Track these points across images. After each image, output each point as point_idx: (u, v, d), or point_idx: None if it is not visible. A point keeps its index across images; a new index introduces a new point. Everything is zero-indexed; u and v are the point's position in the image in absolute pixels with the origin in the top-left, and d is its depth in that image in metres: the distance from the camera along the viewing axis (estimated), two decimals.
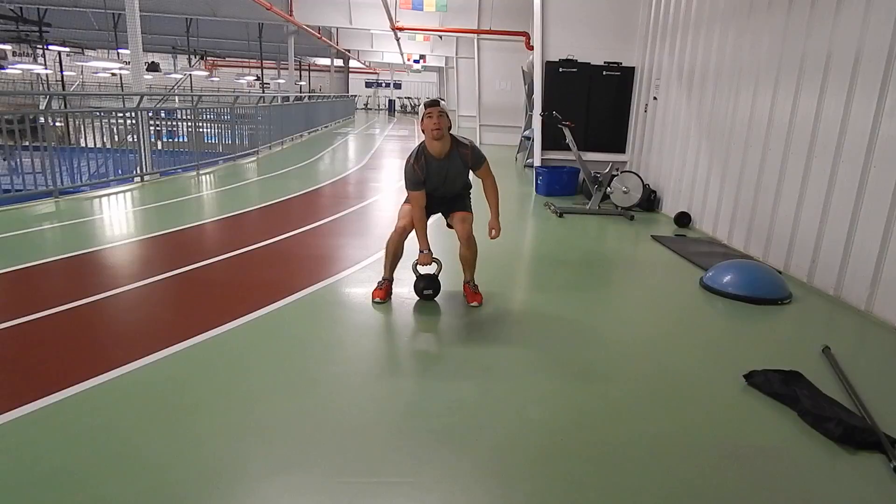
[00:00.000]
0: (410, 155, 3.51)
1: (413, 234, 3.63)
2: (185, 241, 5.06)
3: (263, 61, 27.53)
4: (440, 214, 3.84)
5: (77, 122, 10.67)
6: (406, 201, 3.70)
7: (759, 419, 2.54)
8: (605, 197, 7.23)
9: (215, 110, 11.13)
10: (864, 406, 2.59)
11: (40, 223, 5.41)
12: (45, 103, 7.00)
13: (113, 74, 31.79)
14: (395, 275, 3.79)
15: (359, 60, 34.90)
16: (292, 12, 16.89)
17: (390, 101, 44.48)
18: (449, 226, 3.82)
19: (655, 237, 5.91)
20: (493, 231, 3.63)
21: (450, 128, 3.46)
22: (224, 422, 2.32)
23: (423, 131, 3.47)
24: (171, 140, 10.64)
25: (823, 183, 4.40)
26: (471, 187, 3.80)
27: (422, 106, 3.46)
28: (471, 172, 3.66)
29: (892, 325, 3.72)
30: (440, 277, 3.79)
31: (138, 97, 8.10)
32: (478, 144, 15.09)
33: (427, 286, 3.73)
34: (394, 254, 3.68)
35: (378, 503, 1.92)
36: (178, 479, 1.97)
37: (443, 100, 3.50)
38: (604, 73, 8.29)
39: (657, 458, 2.21)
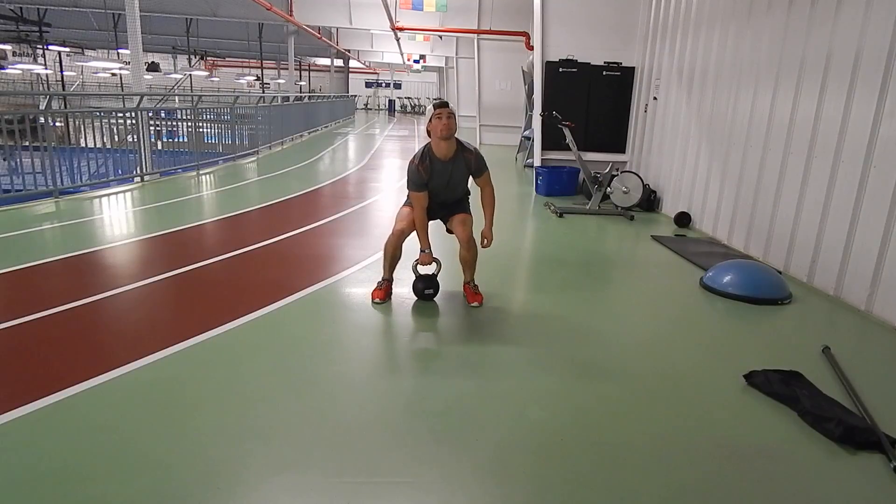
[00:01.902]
0: (415, 156, 3.51)
1: (412, 235, 3.63)
2: (185, 241, 5.06)
3: (263, 61, 27.51)
4: (439, 220, 3.82)
5: (77, 122, 10.66)
6: (405, 203, 3.70)
7: (759, 419, 2.54)
8: (605, 197, 7.23)
9: (215, 110, 11.13)
10: (864, 406, 2.59)
11: (40, 223, 5.41)
12: (45, 103, 7.00)
13: (113, 74, 31.78)
14: (394, 275, 3.79)
15: (359, 60, 34.89)
16: (292, 12, 16.88)
17: (390, 101, 44.46)
18: (449, 231, 3.82)
19: (655, 237, 5.91)
20: (486, 240, 3.65)
21: (456, 131, 3.47)
22: (224, 421, 2.32)
23: (428, 133, 3.47)
24: (171, 140, 10.64)
25: (823, 183, 4.40)
26: (469, 193, 3.81)
27: (430, 107, 3.46)
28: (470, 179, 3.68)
29: (892, 325, 3.72)
30: (439, 277, 3.79)
31: (138, 97, 8.10)
32: (478, 144, 15.00)
33: (427, 286, 3.73)
34: (392, 256, 3.68)
35: (378, 503, 1.92)
36: (178, 478, 1.97)
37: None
38: (604, 73, 8.29)
39: (657, 458, 2.21)
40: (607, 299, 4.20)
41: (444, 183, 3.57)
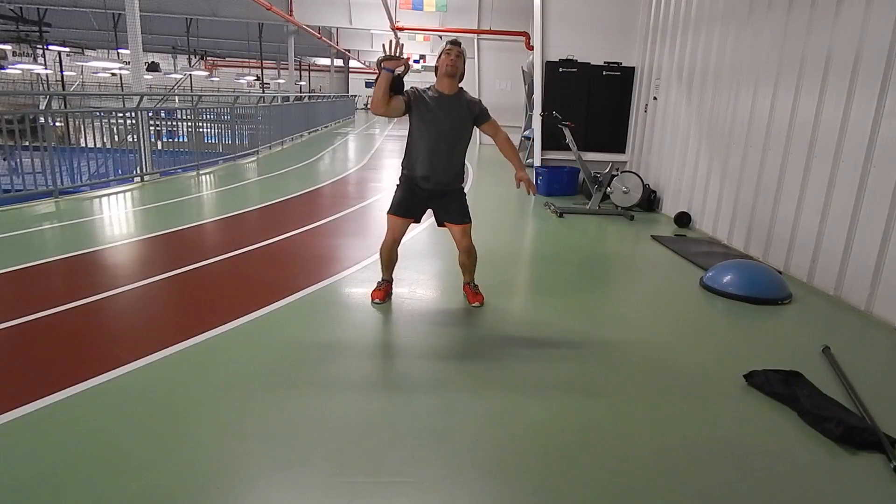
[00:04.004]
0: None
1: (409, 234, 3.54)
2: (184, 241, 5.06)
3: (263, 61, 27.52)
4: (433, 218, 3.71)
5: (77, 122, 10.68)
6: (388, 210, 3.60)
7: (759, 419, 2.54)
8: (605, 197, 7.23)
9: (215, 110, 11.13)
10: (864, 406, 2.59)
11: (40, 223, 5.41)
12: (45, 103, 7.01)
13: (113, 74, 31.76)
14: (394, 275, 3.79)
15: (359, 60, 34.91)
16: (292, 12, 16.89)
17: None
18: (440, 225, 3.67)
19: (655, 237, 5.91)
20: (525, 182, 3.40)
21: (462, 76, 3.41)
22: (223, 422, 2.32)
23: (436, 69, 3.39)
24: (171, 140, 10.65)
25: (823, 183, 4.40)
26: (465, 176, 3.62)
27: (444, 43, 3.39)
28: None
29: (892, 325, 3.72)
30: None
31: (138, 97, 8.10)
32: (477, 144, 14.78)
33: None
34: (388, 260, 3.67)
35: (378, 503, 1.92)
36: (177, 478, 1.97)
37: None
38: (604, 73, 8.29)
39: (657, 458, 2.21)
40: (607, 299, 4.20)
41: (444, 114, 3.38)
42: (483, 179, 9.94)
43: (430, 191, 3.52)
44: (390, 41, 3.25)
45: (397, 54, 3.20)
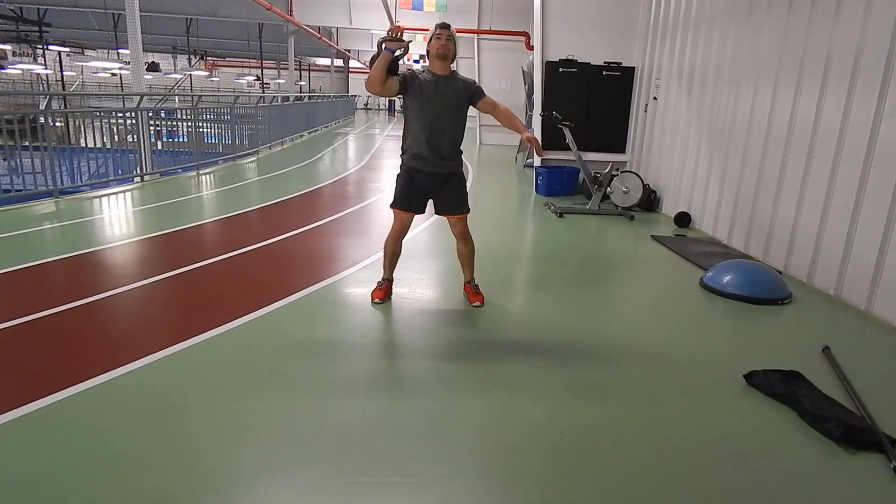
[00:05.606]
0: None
1: (410, 235, 3.56)
2: (184, 241, 5.06)
3: (263, 61, 27.52)
4: (433, 214, 3.71)
5: (77, 122, 10.67)
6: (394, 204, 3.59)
7: (759, 419, 2.54)
8: (605, 197, 7.23)
9: (215, 110, 11.13)
10: (864, 406, 2.59)
11: (40, 223, 5.41)
12: (45, 103, 7.01)
13: (113, 74, 31.79)
14: (394, 275, 3.79)
15: (359, 60, 34.90)
16: (292, 12, 16.89)
17: (390, 101, 44.47)
18: (439, 213, 3.66)
19: (655, 237, 5.91)
20: (532, 142, 3.49)
21: (454, 57, 3.46)
22: (223, 422, 2.32)
23: (427, 53, 3.46)
24: (171, 140, 10.65)
25: (823, 183, 4.40)
26: (462, 161, 3.63)
27: (433, 27, 3.44)
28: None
29: (892, 325, 3.72)
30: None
31: (138, 97, 8.10)
32: (477, 145, 14.78)
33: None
34: (392, 253, 3.68)
35: (378, 503, 1.92)
36: (177, 479, 1.97)
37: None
38: (604, 73, 8.29)
39: (657, 458, 2.21)
40: (607, 299, 4.20)
41: (439, 93, 3.41)
42: (483, 179, 9.94)
43: (431, 175, 3.49)
44: (395, 26, 3.28)
45: (399, 37, 3.25)
